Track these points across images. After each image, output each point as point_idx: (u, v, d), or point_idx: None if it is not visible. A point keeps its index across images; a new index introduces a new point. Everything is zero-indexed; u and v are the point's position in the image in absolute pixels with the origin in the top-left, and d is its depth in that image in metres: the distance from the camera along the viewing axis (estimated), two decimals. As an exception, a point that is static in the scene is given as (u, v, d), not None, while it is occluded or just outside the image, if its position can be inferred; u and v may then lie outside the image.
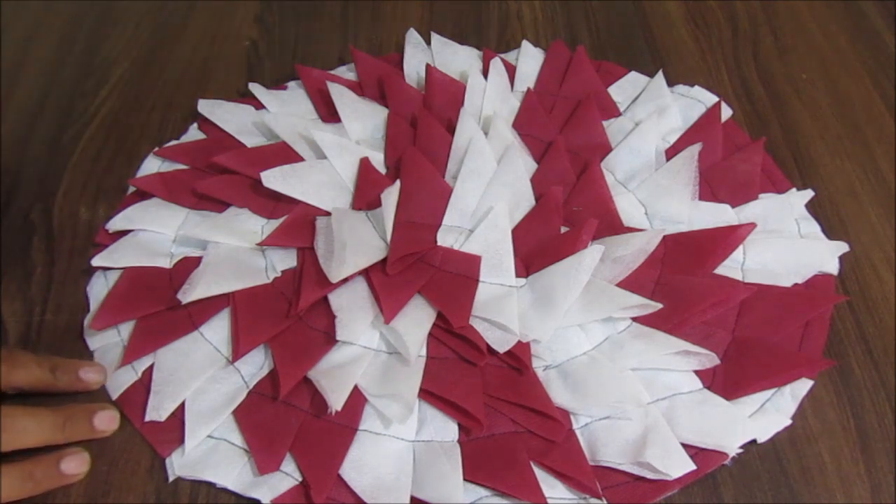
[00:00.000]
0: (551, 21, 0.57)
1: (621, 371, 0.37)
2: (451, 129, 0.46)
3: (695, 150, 0.44)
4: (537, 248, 0.41)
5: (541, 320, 0.38)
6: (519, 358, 0.37)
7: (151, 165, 0.48)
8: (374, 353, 0.38)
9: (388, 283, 0.39)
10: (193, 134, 0.49)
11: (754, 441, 0.36)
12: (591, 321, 0.38)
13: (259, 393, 0.37)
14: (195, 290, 0.38)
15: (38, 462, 0.34)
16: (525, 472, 0.34)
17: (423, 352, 0.38)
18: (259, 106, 0.50)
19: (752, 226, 0.41)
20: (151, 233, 0.43)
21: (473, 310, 0.38)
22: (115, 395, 0.38)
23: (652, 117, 0.47)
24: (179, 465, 0.35)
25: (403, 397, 0.36)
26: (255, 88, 0.50)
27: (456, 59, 0.52)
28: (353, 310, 0.39)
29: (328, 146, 0.45)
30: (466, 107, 0.46)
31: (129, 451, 0.36)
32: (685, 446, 0.35)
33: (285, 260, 0.42)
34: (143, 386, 0.38)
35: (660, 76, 0.50)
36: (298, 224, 0.42)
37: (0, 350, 0.37)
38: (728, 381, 0.37)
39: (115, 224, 0.43)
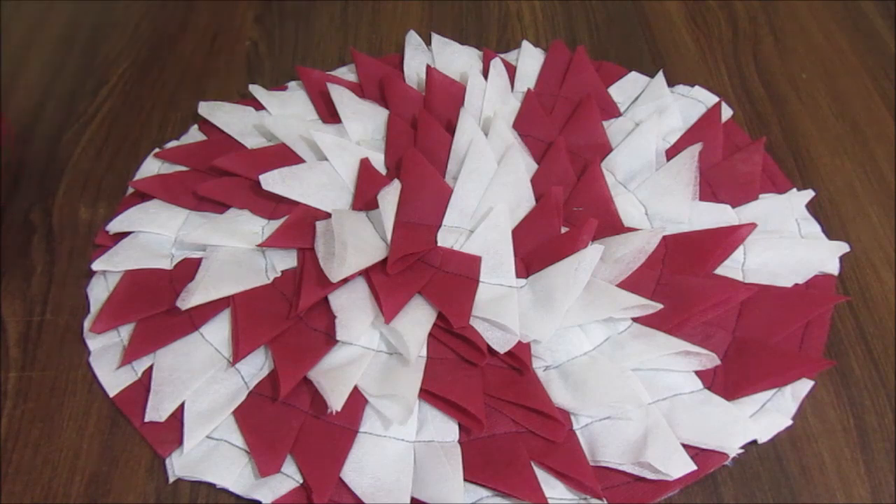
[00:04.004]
0: (551, 21, 0.57)
1: (622, 371, 0.37)
2: (452, 130, 0.46)
3: (695, 150, 0.45)
4: (537, 248, 0.41)
5: (541, 320, 0.38)
6: (519, 358, 0.37)
7: (151, 166, 0.48)
8: (374, 354, 0.38)
9: (389, 283, 0.39)
10: (194, 135, 0.49)
11: (754, 441, 0.36)
12: (592, 321, 0.38)
13: (259, 394, 0.37)
14: (193, 297, 0.38)
15: None
16: (526, 473, 0.34)
17: (424, 352, 0.38)
18: (260, 107, 0.50)
19: (752, 226, 0.41)
20: (152, 234, 0.43)
21: (474, 310, 0.38)
22: (114, 395, 0.38)
23: (652, 117, 0.47)
24: (179, 465, 0.35)
25: (403, 398, 0.36)
26: (256, 90, 0.50)
27: (456, 59, 0.52)
28: (353, 310, 0.39)
29: (328, 147, 0.45)
30: (467, 107, 0.46)
31: (129, 451, 0.36)
32: (685, 447, 0.35)
33: (285, 260, 0.42)
34: (143, 386, 0.38)
35: (660, 76, 0.50)
36: (299, 225, 0.42)
37: None
38: (728, 381, 0.37)
39: (115, 226, 0.43)
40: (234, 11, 0.59)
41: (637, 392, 0.36)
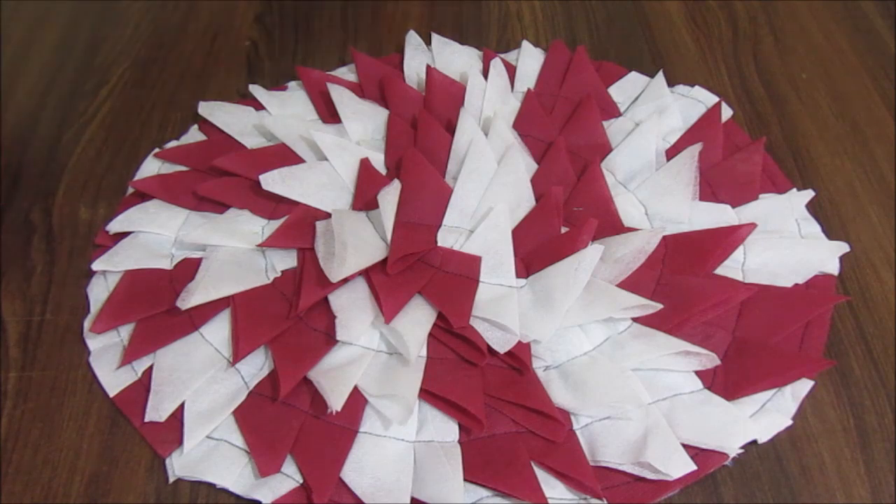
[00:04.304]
0: (551, 21, 0.57)
1: (622, 371, 0.37)
2: (452, 130, 0.46)
3: (695, 150, 0.45)
4: (537, 248, 0.41)
5: (541, 320, 0.38)
6: (519, 358, 0.37)
7: (151, 166, 0.48)
8: (374, 354, 0.38)
9: (389, 283, 0.39)
10: (194, 135, 0.49)
11: (755, 441, 0.36)
12: (592, 321, 0.38)
13: (259, 394, 0.37)
14: (193, 297, 0.38)
15: None
16: (526, 473, 0.34)
17: (424, 352, 0.38)
18: (260, 107, 0.50)
19: (752, 226, 0.41)
20: (152, 234, 0.43)
21: (474, 310, 0.38)
22: (114, 395, 0.38)
23: (652, 117, 0.47)
24: (180, 465, 0.35)
25: (403, 398, 0.36)
26: (256, 90, 0.50)
27: (456, 59, 0.52)
28: (353, 310, 0.39)
29: (328, 147, 0.45)
30: (467, 107, 0.46)
31: (129, 451, 0.36)
32: (685, 447, 0.35)
33: (285, 260, 0.42)
34: (143, 386, 0.38)
35: (660, 76, 0.50)
36: (299, 225, 0.42)
37: None
38: (728, 381, 0.37)
39: (115, 226, 0.43)
40: (234, 11, 0.59)
41: (637, 392, 0.36)
